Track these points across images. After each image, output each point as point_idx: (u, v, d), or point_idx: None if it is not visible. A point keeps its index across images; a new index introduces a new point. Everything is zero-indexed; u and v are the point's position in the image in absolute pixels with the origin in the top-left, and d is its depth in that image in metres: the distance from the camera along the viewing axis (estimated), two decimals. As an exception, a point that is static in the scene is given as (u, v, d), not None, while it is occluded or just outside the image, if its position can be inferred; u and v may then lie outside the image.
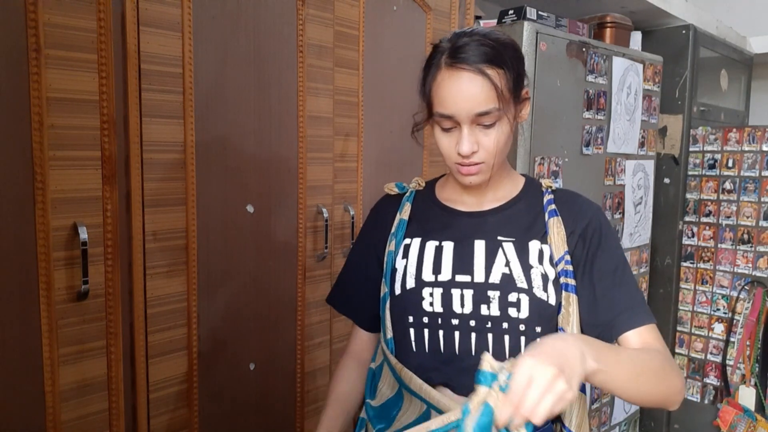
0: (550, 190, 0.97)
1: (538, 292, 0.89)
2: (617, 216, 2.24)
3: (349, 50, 1.45)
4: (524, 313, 0.88)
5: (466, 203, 0.98)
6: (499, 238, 0.92)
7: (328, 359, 1.49)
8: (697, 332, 2.62)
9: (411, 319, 0.93)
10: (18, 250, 0.95)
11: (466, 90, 0.84)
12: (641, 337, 0.87)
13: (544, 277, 0.90)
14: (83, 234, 1.00)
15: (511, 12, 1.82)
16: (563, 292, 0.90)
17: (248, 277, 1.30)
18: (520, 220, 0.94)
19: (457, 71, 0.84)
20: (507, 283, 0.89)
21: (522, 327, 0.88)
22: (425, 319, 0.91)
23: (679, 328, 2.67)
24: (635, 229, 2.36)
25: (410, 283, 0.93)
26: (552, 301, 0.89)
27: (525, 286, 0.88)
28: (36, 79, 0.95)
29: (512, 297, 0.88)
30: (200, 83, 1.17)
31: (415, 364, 0.93)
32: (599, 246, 0.92)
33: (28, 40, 0.94)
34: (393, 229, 1.00)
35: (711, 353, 2.59)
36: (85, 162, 1.02)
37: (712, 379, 2.58)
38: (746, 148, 2.50)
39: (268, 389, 1.37)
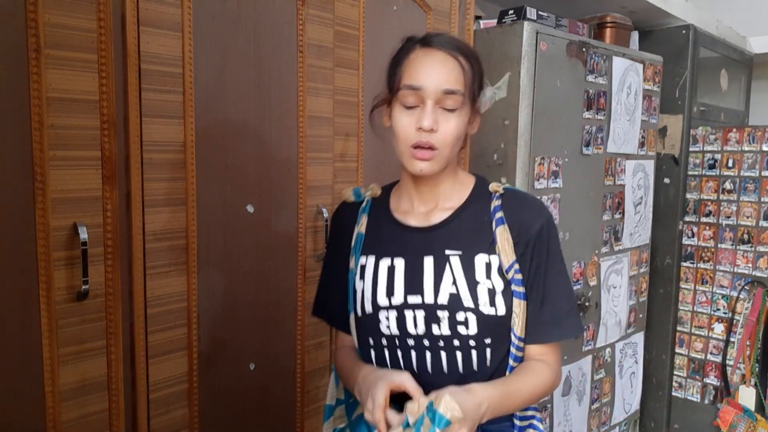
0: (498, 194, 0.99)
1: (485, 308, 0.93)
2: (617, 216, 2.24)
3: (349, 50, 1.45)
4: (473, 330, 0.92)
5: (417, 215, 1.00)
6: (447, 252, 0.96)
7: (328, 359, 1.49)
8: (697, 332, 2.62)
9: (371, 341, 0.98)
10: (18, 250, 0.95)
11: (438, 67, 0.90)
12: (541, 350, 0.98)
13: (491, 292, 0.93)
14: (83, 234, 1.00)
15: (511, 12, 1.82)
16: (514, 299, 0.94)
17: (248, 277, 1.30)
18: (466, 231, 0.97)
19: (431, 50, 0.91)
20: (454, 303, 0.93)
21: (472, 342, 0.93)
22: (383, 341, 0.97)
23: (679, 328, 2.67)
24: (635, 229, 2.36)
25: (368, 308, 0.97)
26: (501, 312, 0.94)
27: (471, 305, 0.93)
28: (36, 79, 0.95)
29: (460, 316, 0.93)
30: (200, 83, 1.17)
31: None
32: (541, 260, 0.97)
33: (28, 40, 0.93)
34: (353, 243, 1.03)
35: (711, 353, 2.59)
36: (85, 162, 1.01)
37: (712, 379, 2.59)
38: (746, 148, 2.50)
39: (268, 389, 1.37)
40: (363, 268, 1.00)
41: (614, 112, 2.13)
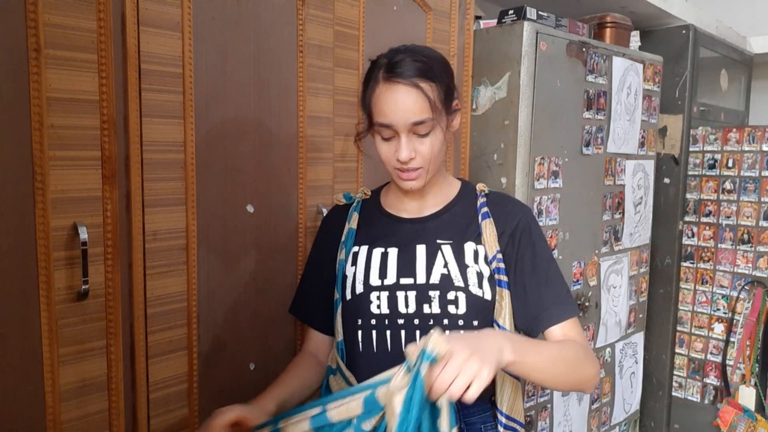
0: (483, 193, 1.06)
1: (474, 289, 0.97)
2: (617, 216, 2.24)
3: (349, 50, 1.45)
4: (462, 309, 0.96)
5: (408, 209, 1.06)
6: (438, 241, 1.01)
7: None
8: (697, 332, 2.62)
9: (360, 321, 1.00)
10: (18, 250, 0.95)
11: (402, 101, 0.92)
12: (563, 330, 0.97)
13: (479, 275, 0.98)
14: (83, 234, 1.00)
15: (511, 12, 1.82)
16: (497, 288, 0.98)
17: (248, 277, 1.30)
18: (456, 224, 1.03)
19: (393, 84, 0.92)
20: (446, 283, 0.97)
21: (461, 322, 0.96)
22: (373, 321, 0.99)
23: (679, 328, 2.67)
24: (635, 229, 2.36)
25: (359, 289, 1.01)
26: (487, 296, 0.98)
27: (462, 284, 0.97)
28: (36, 79, 0.95)
29: (451, 295, 0.97)
30: (200, 83, 1.17)
31: (362, 365, 0.99)
32: (528, 245, 1.00)
33: (28, 40, 0.93)
34: (343, 238, 1.07)
35: (711, 353, 2.59)
36: (85, 162, 1.01)
37: (712, 379, 2.59)
38: (746, 148, 2.50)
39: (268, 389, 1.37)
40: (355, 255, 1.04)
41: (614, 112, 2.13)
